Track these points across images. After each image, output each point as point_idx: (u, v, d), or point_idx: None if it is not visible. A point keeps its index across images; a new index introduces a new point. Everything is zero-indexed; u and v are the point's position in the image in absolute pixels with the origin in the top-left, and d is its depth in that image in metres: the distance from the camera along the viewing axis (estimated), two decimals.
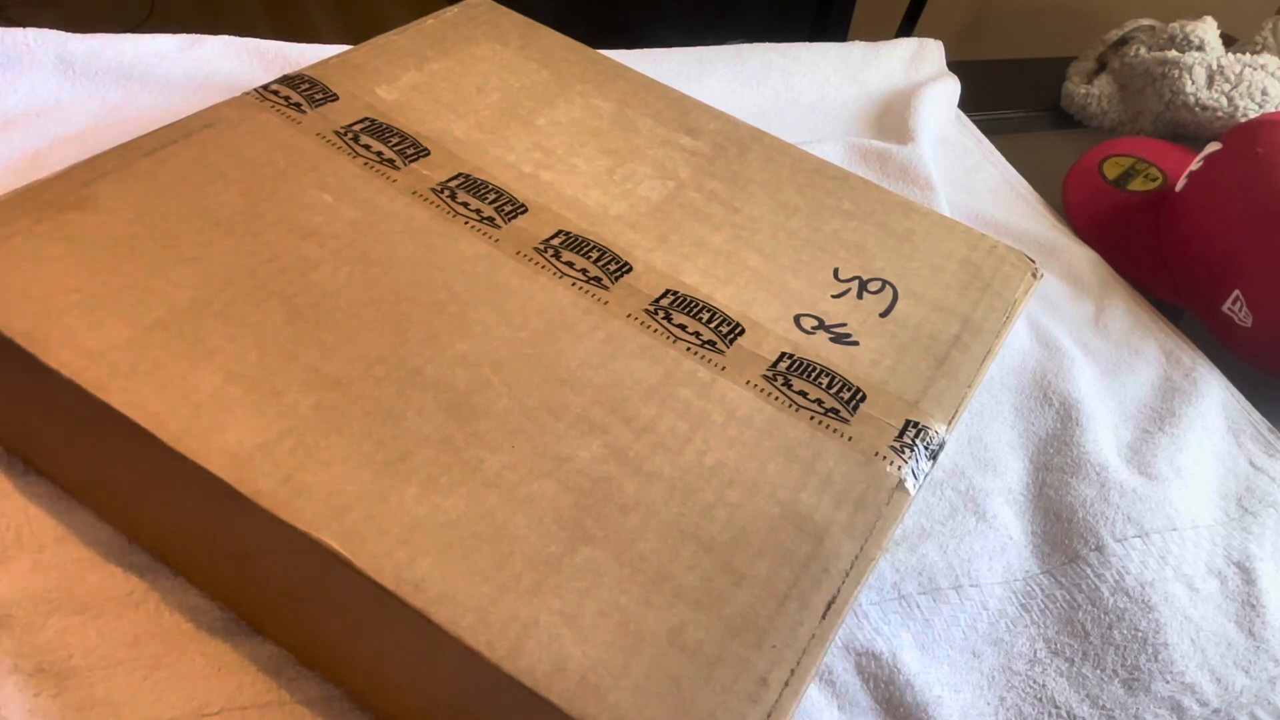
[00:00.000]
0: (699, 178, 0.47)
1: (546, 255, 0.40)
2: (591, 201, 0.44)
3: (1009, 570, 0.46)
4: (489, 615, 0.28)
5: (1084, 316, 0.62)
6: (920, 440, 0.37)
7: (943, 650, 0.43)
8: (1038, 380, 0.56)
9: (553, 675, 0.27)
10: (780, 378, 0.38)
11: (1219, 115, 0.80)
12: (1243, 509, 0.51)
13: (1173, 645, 0.44)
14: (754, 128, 0.52)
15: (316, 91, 0.46)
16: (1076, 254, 0.67)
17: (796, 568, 0.31)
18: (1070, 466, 0.51)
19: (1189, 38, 0.84)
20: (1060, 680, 0.43)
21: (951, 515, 0.48)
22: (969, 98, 0.81)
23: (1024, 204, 0.72)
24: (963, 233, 0.48)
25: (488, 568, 0.29)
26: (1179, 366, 0.59)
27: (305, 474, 0.30)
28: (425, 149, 0.44)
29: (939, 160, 0.74)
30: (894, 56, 0.82)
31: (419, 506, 0.30)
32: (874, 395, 0.38)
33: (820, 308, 0.41)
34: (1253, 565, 0.48)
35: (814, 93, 0.78)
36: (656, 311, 0.39)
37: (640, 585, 0.30)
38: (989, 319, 0.43)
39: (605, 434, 0.34)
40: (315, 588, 0.32)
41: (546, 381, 0.35)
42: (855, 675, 0.41)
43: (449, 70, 0.50)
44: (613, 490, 0.32)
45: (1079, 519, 0.48)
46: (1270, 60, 0.81)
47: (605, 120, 0.49)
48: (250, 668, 0.36)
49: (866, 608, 0.43)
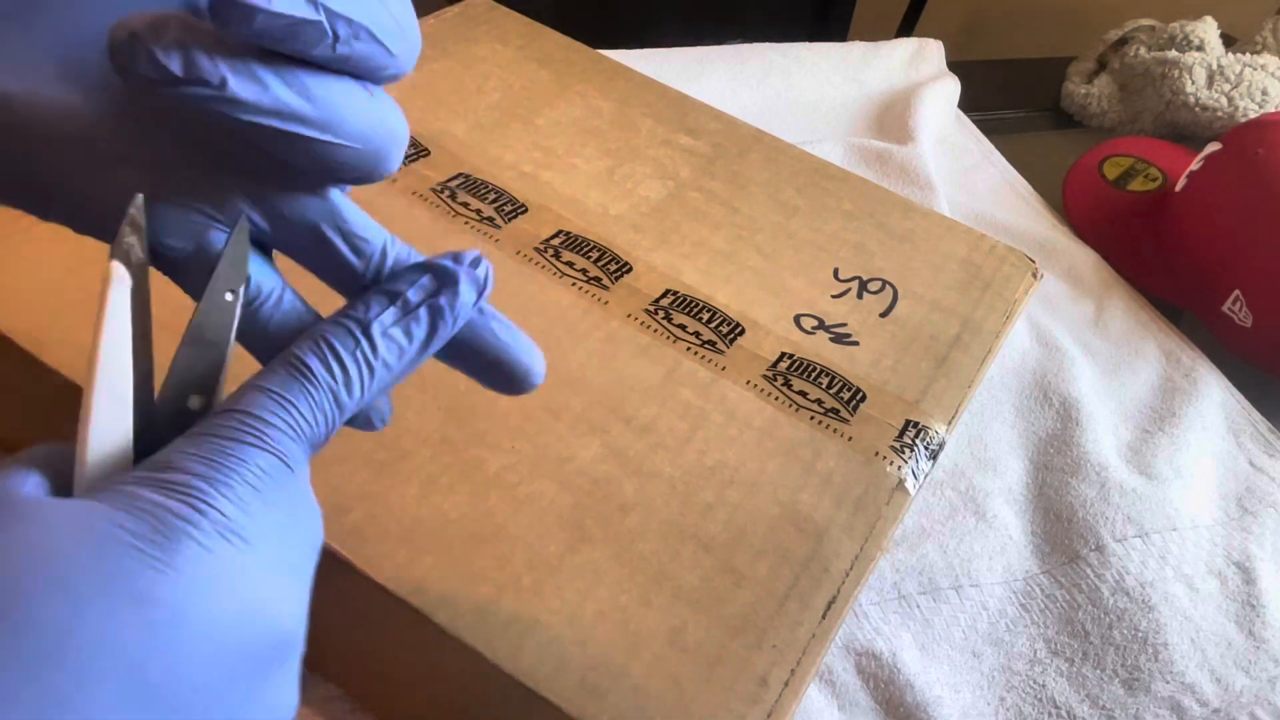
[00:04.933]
0: (699, 178, 0.47)
1: (546, 255, 0.40)
2: (591, 201, 0.44)
3: (1009, 570, 0.46)
4: (489, 615, 0.28)
5: (1084, 316, 0.62)
6: (920, 440, 0.37)
7: (943, 650, 0.43)
8: (1038, 380, 0.56)
9: (553, 675, 0.27)
10: (780, 378, 0.38)
11: (1219, 115, 0.80)
12: (1243, 509, 0.51)
13: (1173, 645, 0.44)
14: (754, 128, 0.52)
15: None
16: (1076, 254, 0.67)
17: (796, 568, 0.31)
18: (1070, 466, 0.51)
19: (1189, 38, 0.84)
20: (1060, 680, 0.42)
21: (951, 515, 0.48)
22: (969, 98, 0.81)
23: (1024, 204, 0.72)
24: (963, 233, 0.48)
25: (488, 568, 0.29)
26: (1179, 366, 0.59)
27: None
28: (425, 149, 0.44)
29: (939, 160, 0.74)
30: (894, 56, 0.82)
31: (419, 506, 0.30)
32: (874, 395, 0.38)
33: (820, 308, 0.41)
34: (1253, 565, 0.48)
35: (814, 93, 0.78)
36: (656, 311, 0.39)
37: (640, 585, 0.30)
38: (989, 319, 0.43)
39: (605, 434, 0.34)
40: (315, 588, 0.32)
41: (546, 382, 0.35)
42: (855, 675, 0.41)
43: (449, 70, 0.50)
44: (613, 490, 0.32)
45: (1079, 519, 0.48)
46: (1270, 60, 0.81)
47: (605, 120, 0.49)
48: None
49: (866, 608, 0.43)
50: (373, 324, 0.21)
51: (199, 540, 0.16)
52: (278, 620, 0.18)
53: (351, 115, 0.19)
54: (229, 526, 0.17)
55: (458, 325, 0.22)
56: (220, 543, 0.17)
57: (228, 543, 0.17)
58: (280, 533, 0.18)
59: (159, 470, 0.17)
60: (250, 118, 0.18)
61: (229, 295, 0.21)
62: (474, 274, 0.22)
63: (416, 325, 0.21)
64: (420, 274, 0.22)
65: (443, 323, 0.22)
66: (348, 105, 0.19)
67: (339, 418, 0.20)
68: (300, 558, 0.19)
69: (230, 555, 0.17)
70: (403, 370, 0.22)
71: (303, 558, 0.19)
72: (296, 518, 0.19)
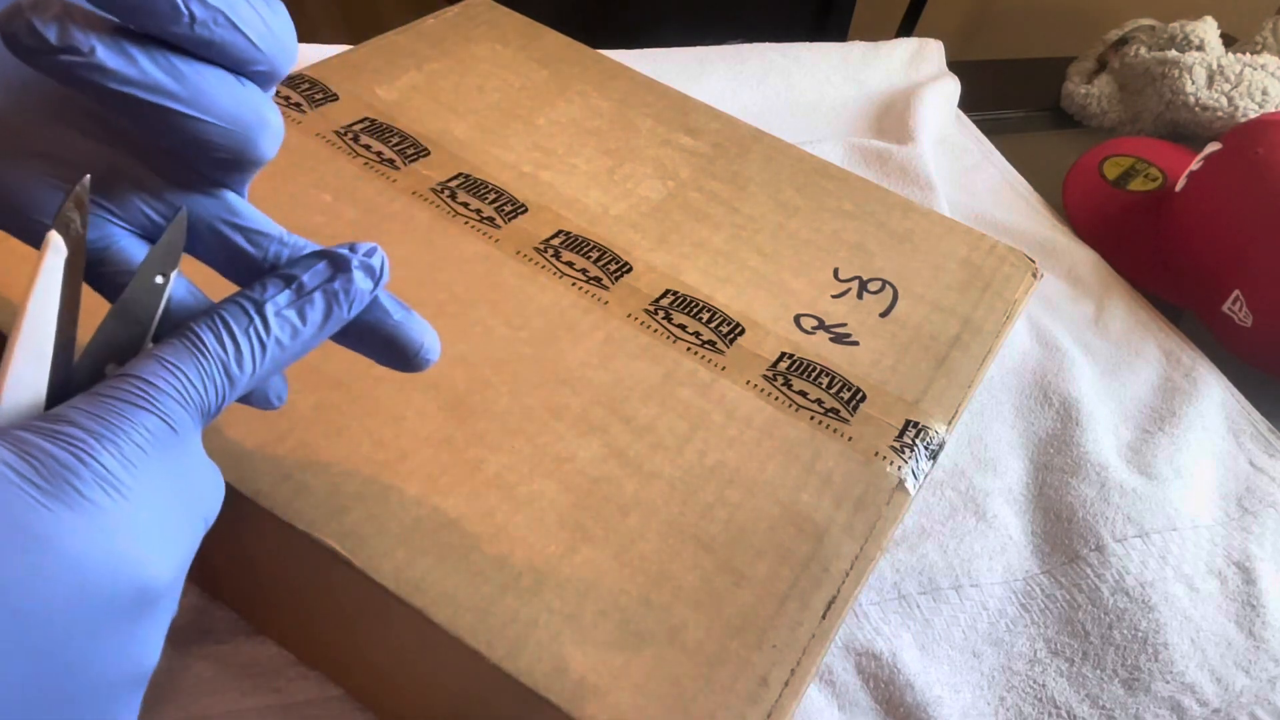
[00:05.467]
0: (699, 178, 0.47)
1: (546, 255, 0.40)
2: (591, 201, 0.44)
3: (1009, 570, 0.46)
4: (489, 615, 0.28)
5: (1084, 316, 0.62)
6: (920, 440, 0.37)
7: (943, 650, 0.43)
8: (1038, 380, 0.56)
9: (553, 675, 0.27)
10: (780, 378, 0.38)
11: (1219, 115, 0.80)
12: (1243, 509, 0.51)
13: (1173, 645, 0.44)
14: (754, 128, 0.52)
15: (316, 91, 0.46)
16: (1076, 254, 0.67)
17: (796, 568, 0.31)
18: (1070, 466, 0.51)
19: (1189, 38, 0.84)
20: (1060, 680, 0.43)
21: (951, 515, 0.48)
22: (969, 98, 0.81)
23: (1024, 204, 0.72)
24: (963, 233, 0.48)
25: (488, 568, 0.29)
26: (1179, 366, 0.59)
27: (305, 474, 0.30)
28: (425, 149, 0.44)
29: (939, 160, 0.74)
30: (894, 56, 0.82)
31: (419, 506, 0.30)
32: (874, 395, 0.38)
33: (820, 308, 0.41)
34: (1253, 565, 0.48)
35: (814, 93, 0.78)
36: (656, 311, 0.39)
37: (640, 585, 0.30)
38: (989, 319, 0.43)
39: (605, 434, 0.34)
40: (315, 588, 0.32)
41: (546, 381, 0.35)
42: (855, 675, 0.41)
43: (449, 70, 0.50)
44: (613, 490, 0.32)
45: (1079, 519, 0.48)
46: (1270, 60, 0.81)
47: (605, 120, 0.49)
48: (250, 668, 0.36)
49: (866, 608, 0.43)
50: (266, 304, 0.22)
51: (78, 488, 0.18)
52: (147, 575, 0.19)
53: (219, 96, 0.21)
54: (109, 479, 0.18)
55: (353, 311, 0.24)
56: (99, 493, 0.18)
57: (106, 494, 0.18)
58: (161, 493, 0.19)
59: (52, 421, 0.19)
60: (119, 87, 0.20)
61: (159, 278, 0.23)
62: (368, 262, 0.24)
63: (311, 309, 0.23)
64: (315, 260, 0.24)
65: (338, 307, 0.24)
66: (215, 87, 0.21)
67: (229, 390, 0.22)
68: (181, 520, 0.20)
69: (108, 506, 0.18)
70: (297, 350, 0.23)
71: (184, 521, 0.20)
72: (182, 482, 0.20)
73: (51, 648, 0.17)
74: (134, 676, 0.19)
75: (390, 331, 0.26)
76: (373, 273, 0.24)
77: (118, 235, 0.23)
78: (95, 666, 0.18)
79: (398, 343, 0.26)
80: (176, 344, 0.21)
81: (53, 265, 0.20)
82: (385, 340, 0.26)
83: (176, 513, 0.20)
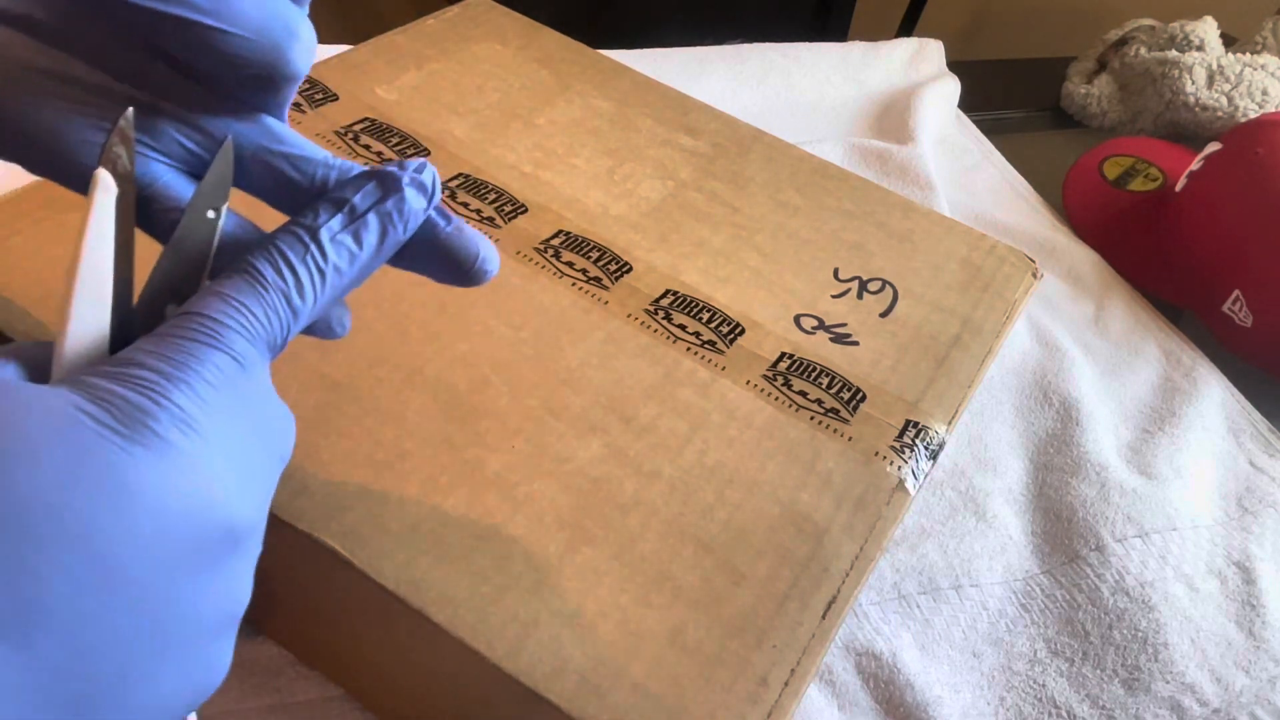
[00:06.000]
0: (699, 178, 0.47)
1: (546, 255, 0.40)
2: (591, 201, 0.44)
3: (1009, 570, 0.46)
4: (489, 615, 0.28)
5: (1084, 316, 0.62)
6: (920, 440, 0.37)
7: (943, 650, 0.43)
8: (1038, 380, 0.56)
9: (552, 675, 0.27)
10: (780, 378, 0.38)
11: (1219, 115, 0.80)
12: (1243, 509, 0.51)
13: (1173, 645, 0.44)
14: (754, 128, 0.52)
15: (316, 91, 0.46)
16: (1076, 254, 0.67)
17: (796, 568, 0.31)
18: (1070, 466, 0.51)
19: (1189, 38, 0.84)
20: (1060, 680, 0.43)
21: (951, 515, 0.48)
22: (969, 98, 0.81)
23: (1024, 204, 0.72)
24: (963, 233, 0.48)
25: (488, 568, 0.29)
26: (1179, 366, 0.59)
27: (305, 474, 0.30)
28: (425, 149, 0.44)
29: (939, 160, 0.74)
30: (894, 56, 0.82)
31: (419, 506, 0.30)
32: (874, 395, 0.38)
33: (820, 308, 0.41)
34: (1253, 565, 0.48)
35: (814, 93, 0.78)
36: (656, 311, 0.39)
37: (640, 585, 0.30)
38: (989, 319, 0.43)
39: (605, 434, 0.34)
40: (315, 588, 0.32)
41: (546, 381, 0.35)
42: (855, 675, 0.41)
43: (449, 70, 0.50)
44: (613, 490, 0.32)
45: (1079, 519, 0.48)
46: (1270, 60, 0.81)
47: (605, 120, 0.49)
48: (250, 668, 0.36)
49: (866, 608, 0.43)
50: (320, 230, 0.22)
51: (156, 430, 0.17)
52: (229, 512, 0.18)
53: (244, 6, 0.20)
54: (185, 420, 0.18)
55: (408, 231, 0.23)
56: (176, 433, 0.18)
57: (183, 435, 0.18)
58: (236, 430, 0.19)
59: (122, 365, 0.18)
60: (141, 1, 0.19)
61: (211, 213, 0.22)
62: (419, 179, 0.23)
63: (367, 231, 0.22)
64: (365, 181, 0.23)
65: (393, 228, 0.23)
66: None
67: (294, 321, 0.21)
68: (259, 455, 0.20)
69: (185, 446, 0.18)
70: (357, 275, 0.23)
71: (262, 456, 0.20)
72: (256, 418, 0.20)
73: (146, 594, 0.17)
74: (227, 616, 0.19)
75: (445, 244, 0.25)
76: (425, 190, 0.23)
77: (160, 172, 0.22)
78: (189, 609, 0.18)
79: (454, 254, 0.25)
80: (236, 278, 0.21)
81: (104, 204, 0.20)
82: (442, 254, 0.25)
83: (254, 450, 0.20)
